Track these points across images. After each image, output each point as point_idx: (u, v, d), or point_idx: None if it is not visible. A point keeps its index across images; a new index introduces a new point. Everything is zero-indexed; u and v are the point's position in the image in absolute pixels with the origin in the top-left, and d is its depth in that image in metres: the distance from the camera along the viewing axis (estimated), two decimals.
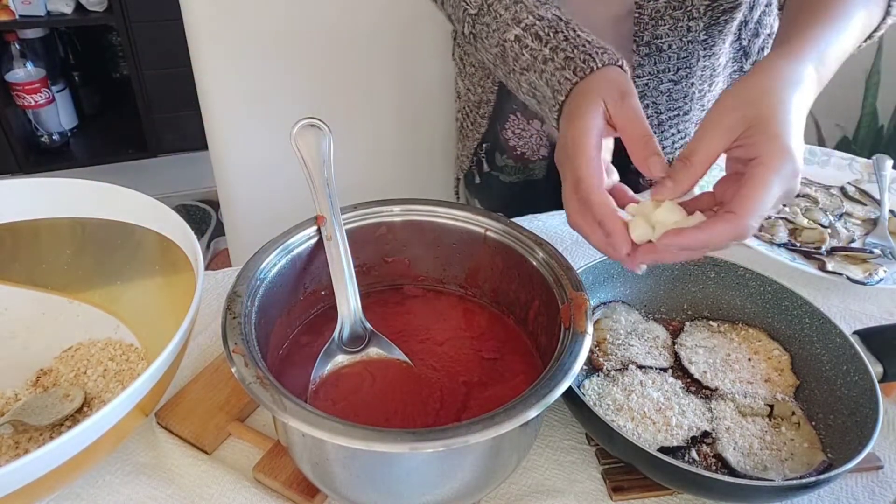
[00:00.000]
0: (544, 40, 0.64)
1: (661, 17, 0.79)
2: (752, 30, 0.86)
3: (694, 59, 0.84)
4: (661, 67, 0.84)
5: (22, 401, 0.58)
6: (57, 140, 2.12)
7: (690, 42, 0.82)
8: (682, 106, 0.89)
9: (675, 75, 0.85)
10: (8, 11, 1.85)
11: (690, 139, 0.53)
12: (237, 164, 1.09)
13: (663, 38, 0.81)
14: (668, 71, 0.85)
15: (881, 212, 0.87)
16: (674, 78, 0.86)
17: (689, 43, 0.82)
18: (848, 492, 0.56)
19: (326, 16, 1.01)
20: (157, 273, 0.64)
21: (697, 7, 0.79)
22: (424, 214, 0.63)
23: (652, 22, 0.80)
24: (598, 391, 0.60)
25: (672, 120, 0.90)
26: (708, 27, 0.82)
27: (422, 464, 0.46)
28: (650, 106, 0.88)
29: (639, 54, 0.83)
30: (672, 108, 0.89)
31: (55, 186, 0.64)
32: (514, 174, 1.02)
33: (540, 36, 0.64)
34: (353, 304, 0.57)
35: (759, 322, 0.67)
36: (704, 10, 0.79)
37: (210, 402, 0.60)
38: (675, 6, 0.78)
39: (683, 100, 0.88)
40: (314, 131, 0.57)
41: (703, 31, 0.82)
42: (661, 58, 0.83)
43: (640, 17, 0.79)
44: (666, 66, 0.84)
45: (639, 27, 0.80)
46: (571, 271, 0.56)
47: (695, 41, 0.82)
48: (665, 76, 0.85)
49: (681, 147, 0.93)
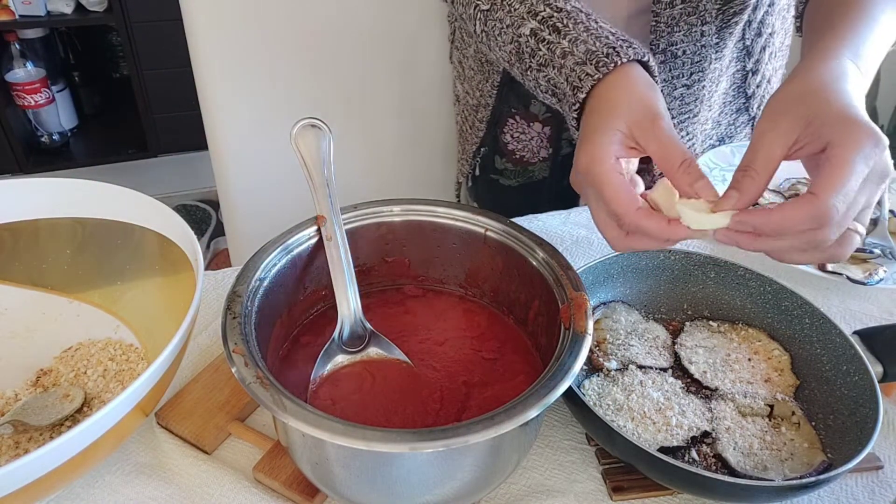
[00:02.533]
0: (562, 32, 0.59)
1: (677, 24, 0.79)
2: (755, 29, 0.86)
3: (706, 62, 0.84)
4: (675, 73, 0.84)
5: (22, 401, 0.58)
6: (57, 140, 2.12)
7: (703, 46, 0.82)
8: (692, 109, 0.89)
9: (688, 80, 0.85)
10: (8, 11, 1.85)
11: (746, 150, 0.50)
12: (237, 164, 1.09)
13: (678, 44, 0.81)
14: (682, 76, 0.85)
15: (881, 212, 0.87)
16: (687, 83, 0.86)
17: (701, 47, 0.82)
18: (848, 492, 0.56)
19: (327, 16, 1.01)
20: (157, 273, 0.64)
21: (710, 11, 0.78)
22: (424, 214, 0.63)
23: (668, 29, 0.79)
24: (598, 391, 0.60)
25: (682, 123, 0.90)
26: (719, 30, 0.81)
27: (422, 464, 0.46)
28: None
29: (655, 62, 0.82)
30: (683, 112, 0.89)
31: (55, 186, 0.64)
32: (513, 177, 1.02)
33: (558, 28, 0.60)
34: (353, 304, 0.57)
35: (759, 322, 0.67)
36: (716, 14, 0.79)
37: (210, 402, 0.60)
38: (690, 11, 0.78)
39: (694, 103, 0.88)
40: (314, 131, 0.57)
41: (715, 35, 0.81)
42: (676, 64, 0.83)
43: (657, 25, 0.79)
44: (680, 72, 0.84)
45: (655, 35, 0.80)
46: (571, 271, 0.56)
47: (707, 45, 0.82)
48: (679, 82, 0.85)
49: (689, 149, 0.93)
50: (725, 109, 0.95)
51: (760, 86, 0.94)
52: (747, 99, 0.95)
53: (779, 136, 0.48)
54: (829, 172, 0.45)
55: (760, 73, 0.92)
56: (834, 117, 0.47)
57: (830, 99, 0.48)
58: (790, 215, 0.46)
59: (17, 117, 2.02)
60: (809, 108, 0.48)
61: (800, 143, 0.48)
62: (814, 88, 0.50)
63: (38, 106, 2.01)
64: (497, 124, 0.98)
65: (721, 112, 0.95)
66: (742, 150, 0.99)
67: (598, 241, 0.82)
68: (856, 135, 0.46)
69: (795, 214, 0.46)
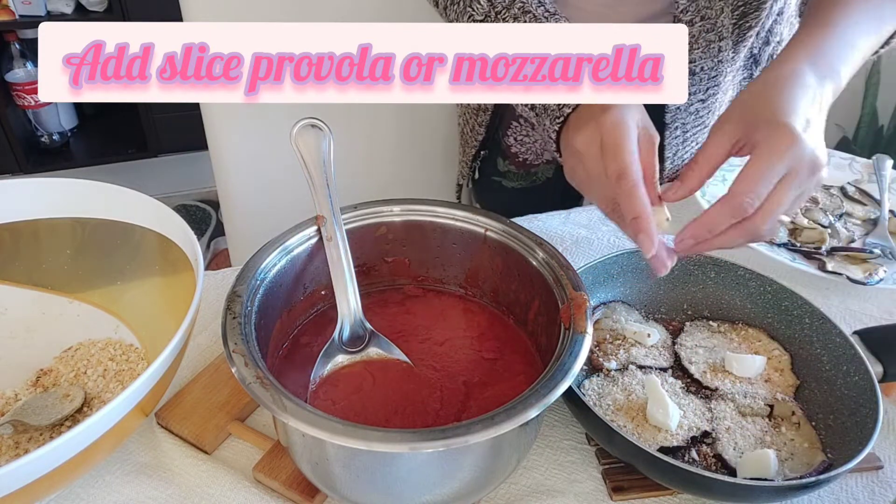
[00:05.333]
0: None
1: (696, 41, 0.79)
2: (763, 38, 0.86)
3: (721, 77, 0.84)
4: (692, 90, 0.84)
5: (22, 401, 0.58)
6: (57, 140, 2.12)
7: (720, 62, 0.82)
8: (704, 121, 0.89)
9: (703, 95, 0.86)
10: (8, 11, 1.85)
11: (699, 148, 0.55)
12: (237, 165, 1.09)
13: (696, 61, 0.81)
14: (699, 93, 0.85)
15: (881, 212, 0.87)
16: (703, 98, 0.86)
17: (718, 63, 0.82)
18: (848, 492, 0.56)
19: (327, 16, 1.01)
20: (157, 273, 0.64)
21: (727, 26, 0.79)
22: (424, 214, 0.63)
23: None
24: (598, 391, 0.60)
25: (695, 135, 0.91)
26: (735, 44, 0.82)
27: (422, 464, 0.46)
28: (679, 128, 0.88)
29: None
30: (696, 125, 0.89)
31: (55, 186, 0.64)
32: (516, 180, 1.02)
33: None
34: (353, 304, 0.57)
35: (759, 322, 0.67)
36: (732, 29, 0.79)
37: (210, 402, 0.60)
38: (708, 28, 0.78)
39: (707, 115, 0.89)
40: (314, 131, 0.57)
41: (731, 50, 0.82)
42: (693, 80, 0.83)
43: None
44: (697, 89, 0.84)
45: None
46: (571, 271, 0.56)
47: (724, 60, 0.83)
48: (695, 98, 0.85)
49: None
50: None
51: None
52: None
53: (722, 137, 0.54)
54: (744, 173, 0.51)
55: None
56: (763, 121, 0.52)
57: (767, 104, 0.53)
58: (713, 215, 0.51)
59: (17, 117, 2.02)
60: (750, 112, 0.53)
61: (739, 143, 0.54)
62: (758, 92, 0.55)
63: (38, 106, 2.01)
64: (500, 127, 0.98)
65: None
66: None
67: (597, 241, 0.82)
68: (774, 137, 0.50)
69: (716, 214, 0.51)
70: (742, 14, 0.78)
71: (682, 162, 0.93)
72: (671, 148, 0.89)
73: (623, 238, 0.82)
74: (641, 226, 0.51)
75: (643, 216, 0.51)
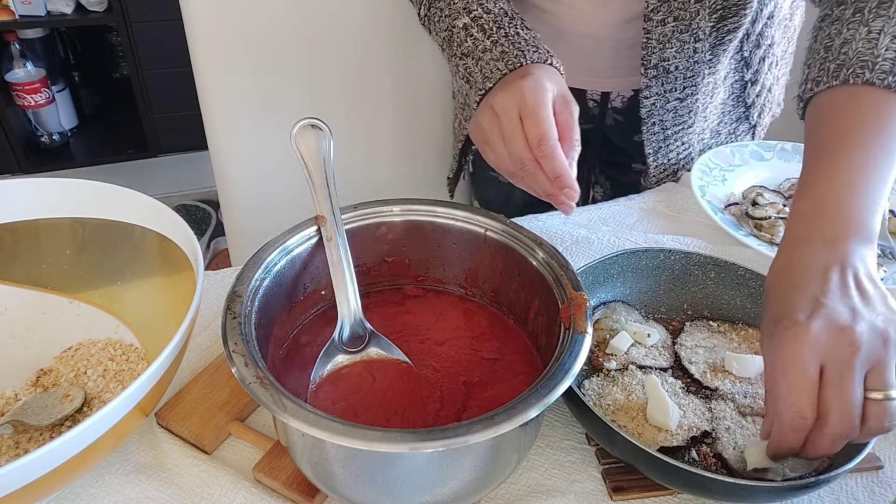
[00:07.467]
0: (487, 33, 0.71)
1: (669, 41, 0.80)
2: (754, 41, 0.86)
3: (699, 77, 0.85)
4: (667, 88, 0.85)
5: (22, 401, 0.58)
6: (57, 140, 2.12)
7: (696, 63, 0.83)
8: (686, 120, 0.90)
9: (681, 94, 0.86)
10: (8, 11, 1.85)
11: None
12: (237, 164, 1.09)
13: (670, 60, 0.82)
14: (675, 91, 0.86)
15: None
16: (680, 96, 0.87)
17: (694, 63, 0.83)
18: (848, 492, 0.56)
19: (326, 16, 1.01)
20: (157, 273, 0.64)
21: (703, 29, 0.79)
22: (424, 214, 0.63)
23: (659, 46, 0.81)
24: (598, 391, 0.60)
25: (677, 134, 0.91)
26: (713, 47, 0.82)
27: (422, 464, 0.46)
28: (657, 123, 0.89)
29: (647, 76, 0.84)
30: (677, 124, 0.90)
31: (55, 186, 0.64)
32: None
33: (485, 28, 0.71)
34: (353, 304, 0.57)
35: (759, 322, 0.67)
36: (710, 31, 0.80)
37: (210, 402, 0.60)
38: (682, 29, 0.79)
39: (688, 114, 0.89)
40: (314, 131, 0.57)
41: (708, 52, 0.83)
42: (668, 79, 0.84)
43: (648, 42, 0.80)
44: (672, 87, 0.85)
45: (647, 51, 0.81)
46: (571, 271, 0.56)
47: (701, 61, 0.83)
48: (672, 95, 0.86)
49: (685, 158, 0.94)
50: (725, 119, 0.95)
51: (760, 95, 0.94)
52: (747, 108, 0.96)
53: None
54: (768, 392, 0.49)
55: (760, 83, 0.93)
56: (766, 332, 0.50)
57: (772, 305, 0.50)
58: (777, 435, 0.48)
59: (17, 117, 2.02)
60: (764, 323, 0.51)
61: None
62: (770, 284, 0.52)
63: (38, 106, 2.01)
64: None
65: (720, 122, 0.95)
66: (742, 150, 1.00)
67: (597, 241, 0.82)
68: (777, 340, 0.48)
69: (779, 435, 0.47)
70: (721, 17, 0.79)
71: (667, 161, 0.93)
72: (652, 145, 0.91)
73: (623, 238, 0.82)
74: (564, 181, 0.59)
75: (564, 174, 0.59)
